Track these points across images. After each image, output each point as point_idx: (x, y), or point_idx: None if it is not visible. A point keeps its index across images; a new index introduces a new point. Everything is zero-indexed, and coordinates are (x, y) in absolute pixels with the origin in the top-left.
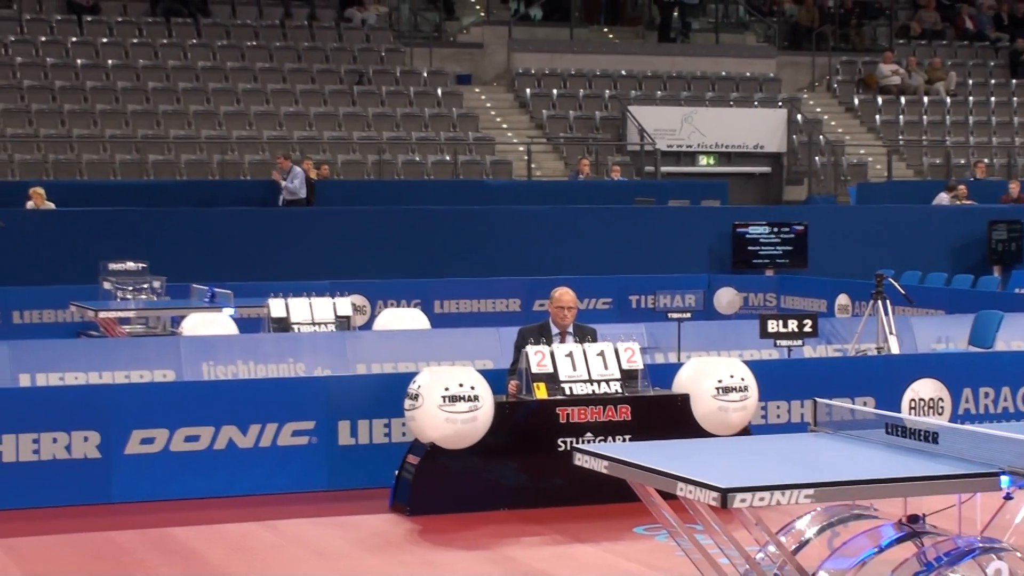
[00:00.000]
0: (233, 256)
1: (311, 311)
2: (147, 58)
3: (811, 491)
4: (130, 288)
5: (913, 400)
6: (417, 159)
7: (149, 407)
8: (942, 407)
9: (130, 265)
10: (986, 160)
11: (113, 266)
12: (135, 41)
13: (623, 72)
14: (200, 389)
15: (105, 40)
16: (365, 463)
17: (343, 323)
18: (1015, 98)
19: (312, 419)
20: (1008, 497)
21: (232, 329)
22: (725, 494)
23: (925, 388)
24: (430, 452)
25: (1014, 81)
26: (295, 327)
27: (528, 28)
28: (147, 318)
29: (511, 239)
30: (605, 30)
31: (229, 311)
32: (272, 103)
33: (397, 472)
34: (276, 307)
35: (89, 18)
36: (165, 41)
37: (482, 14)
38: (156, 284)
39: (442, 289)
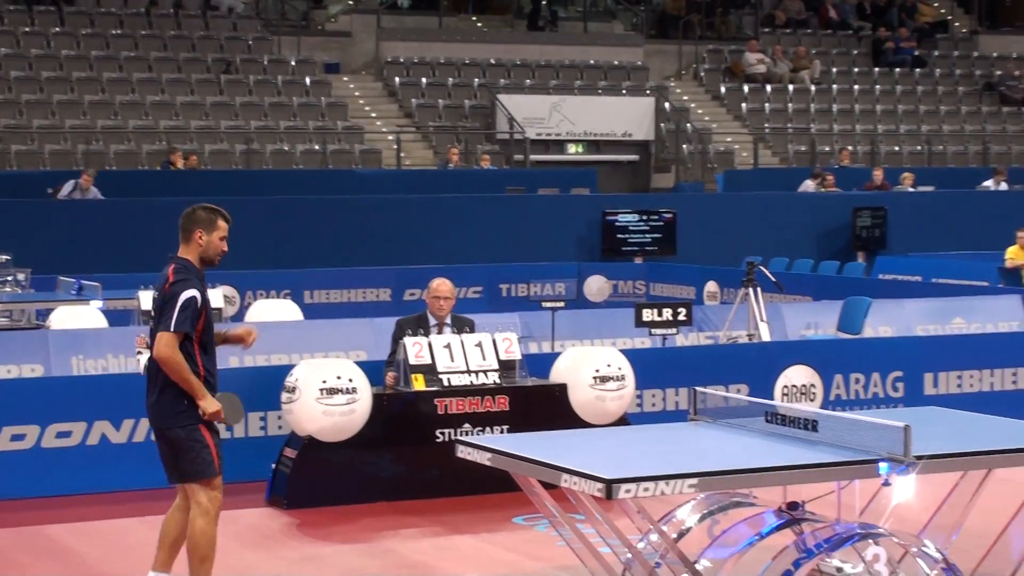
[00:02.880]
0: (101, 247)
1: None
2: (9, 47)
3: (695, 481)
4: None
5: (786, 387)
6: (285, 148)
7: (18, 403)
8: (814, 393)
9: None
10: (850, 147)
11: None
12: None
13: (492, 61)
14: (71, 384)
15: None
16: (241, 457)
17: (214, 314)
18: (878, 86)
19: None
20: (886, 483)
21: (101, 322)
22: (610, 485)
23: (797, 375)
24: (307, 445)
25: (876, 69)
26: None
27: (396, 16)
28: (11, 311)
29: (381, 228)
30: (474, 19)
31: (98, 304)
32: (138, 92)
33: (274, 465)
34: (146, 299)
35: None
36: (27, 29)
37: (350, 2)
38: (20, 276)
39: (312, 279)
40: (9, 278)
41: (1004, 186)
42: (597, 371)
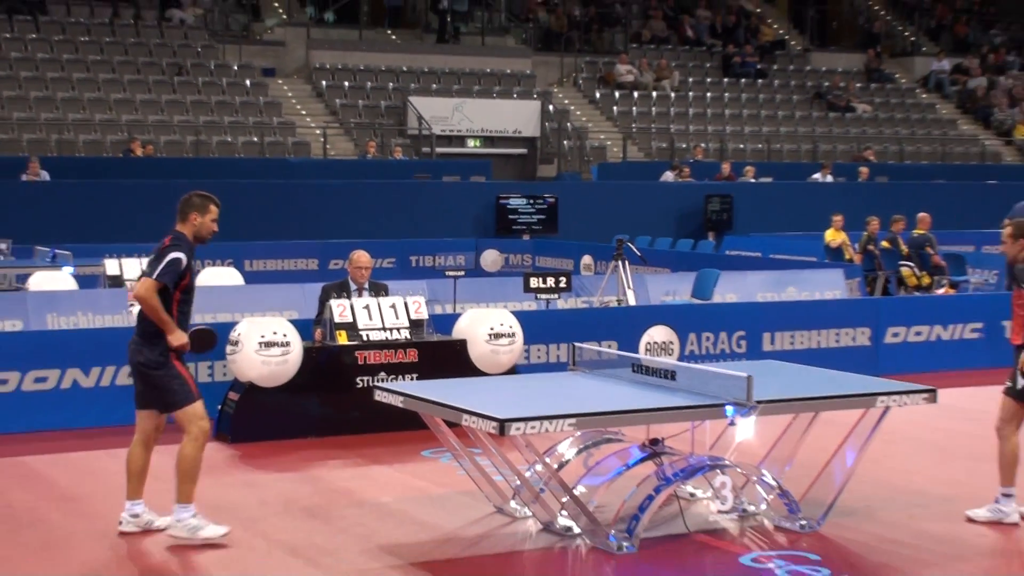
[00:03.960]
0: (72, 222)
1: (141, 269)
2: None
3: (573, 420)
4: None
5: (648, 343)
6: (229, 140)
7: (1, 353)
8: (672, 348)
9: None
10: (703, 145)
11: None
12: None
13: (404, 68)
14: (47, 337)
15: None
16: None
17: None
18: (726, 94)
19: None
20: (732, 424)
21: (72, 285)
22: (503, 424)
23: (658, 333)
24: (248, 389)
25: (725, 80)
26: (127, 283)
27: (323, 29)
28: None
29: (309, 208)
30: (389, 32)
31: (69, 269)
32: (103, 90)
33: (220, 407)
34: (111, 266)
35: None
36: (8, 35)
37: (284, 16)
38: (2, 246)
39: (251, 250)
40: None
41: (830, 178)
42: (492, 329)
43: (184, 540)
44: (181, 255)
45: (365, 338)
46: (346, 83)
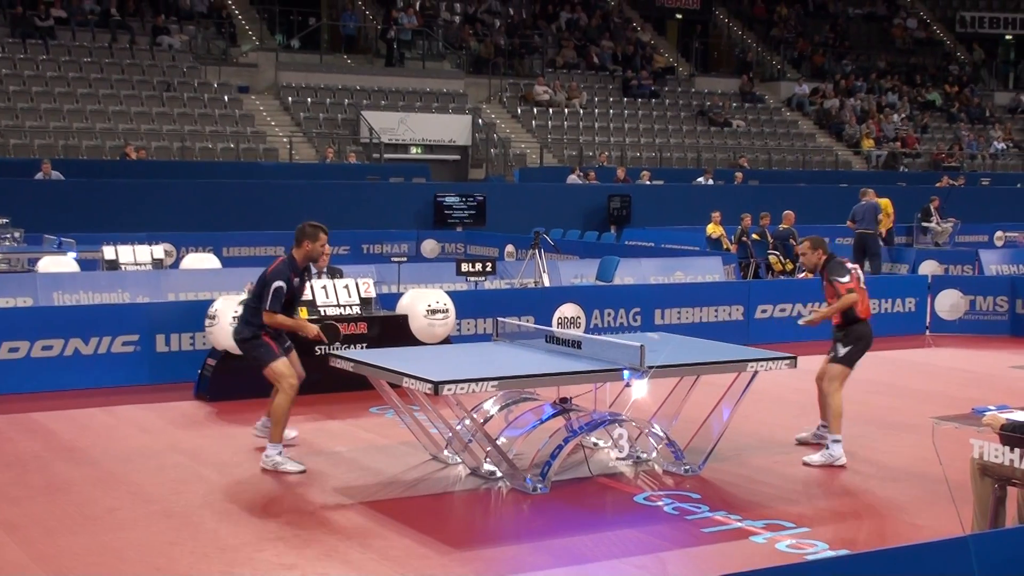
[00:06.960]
0: (75, 214)
1: (134, 254)
2: (8, 68)
3: (496, 382)
4: None
5: (560, 318)
6: (210, 146)
7: (14, 325)
8: (579, 322)
9: None
10: (606, 153)
11: None
12: None
13: (358, 87)
14: (53, 312)
15: None
16: (176, 365)
17: (158, 263)
18: (626, 111)
19: (137, 333)
20: (628, 385)
21: (75, 268)
22: (437, 385)
23: (568, 310)
24: (224, 356)
25: (625, 99)
26: (123, 266)
27: (290, 53)
28: (9, 259)
29: (277, 204)
30: (345, 57)
31: (72, 254)
32: (102, 103)
33: (200, 371)
34: (108, 252)
35: None
36: (22, 56)
37: (257, 42)
38: (16, 234)
39: (228, 239)
40: (7, 235)
41: (711, 181)
42: (429, 306)
43: (269, 470)
44: (282, 283)
45: (323, 313)
46: (309, 99)
